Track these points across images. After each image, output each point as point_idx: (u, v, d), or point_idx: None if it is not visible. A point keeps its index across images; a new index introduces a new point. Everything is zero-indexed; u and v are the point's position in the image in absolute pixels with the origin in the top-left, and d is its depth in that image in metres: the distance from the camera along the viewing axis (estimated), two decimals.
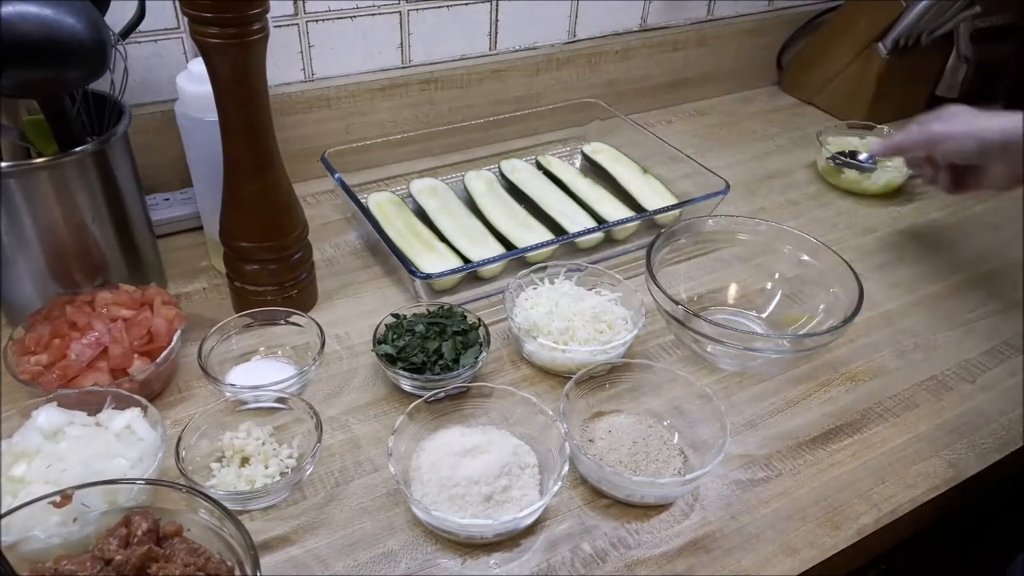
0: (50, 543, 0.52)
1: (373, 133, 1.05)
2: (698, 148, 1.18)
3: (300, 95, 0.99)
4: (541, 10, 1.13)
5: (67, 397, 0.63)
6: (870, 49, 1.22)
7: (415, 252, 0.86)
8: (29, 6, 0.60)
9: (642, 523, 0.63)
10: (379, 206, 0.94)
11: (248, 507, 0.62)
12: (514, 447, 0.65)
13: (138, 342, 0.69)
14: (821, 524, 0.64)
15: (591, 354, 0.73)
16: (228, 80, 0.66)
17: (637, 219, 0.91)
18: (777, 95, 1.38)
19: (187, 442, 0.63)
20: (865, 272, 0.86)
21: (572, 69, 1.18)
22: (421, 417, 0.66)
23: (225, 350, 0.74)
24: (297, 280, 0.79)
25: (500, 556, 0.60)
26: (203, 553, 0.50)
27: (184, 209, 0.92)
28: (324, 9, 0.97)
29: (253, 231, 0.74)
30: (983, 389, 0.77)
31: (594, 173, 1.06)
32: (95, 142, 0.70)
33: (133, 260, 0.79)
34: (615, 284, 0.81)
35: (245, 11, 0.62)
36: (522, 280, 0.81)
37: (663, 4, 1.23)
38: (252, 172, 0.71)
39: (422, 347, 0.72)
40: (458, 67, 1.09)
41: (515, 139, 1.09)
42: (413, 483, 0.63)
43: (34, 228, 0.70)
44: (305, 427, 0.66)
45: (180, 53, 0.92)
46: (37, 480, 0.57)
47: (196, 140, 0.78)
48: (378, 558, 0.59)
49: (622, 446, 0.67)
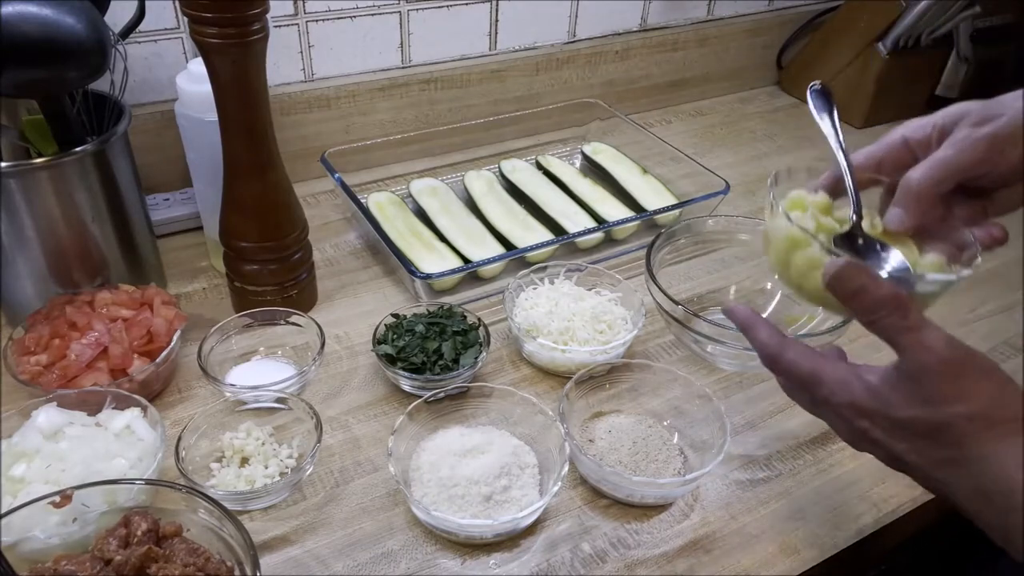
0: (50, 543, 0.52)
1: (373, 133, 1.05)
2: (698, 148, 1.18)
3: (300, 95, 0.99)
4: (541, 10, 1.13)
5: (67, 397, 0.63)
6: (870, 49, 1.22)
7: (415, 252, 0.86)
8: (29, 6, 0.60)
9: (642, 523, 0.63)
10: (379, 206, 0.94)
11: (248, 507, 0.62)
12: (514, 447, 0.65)
13: (138, 342, 0.69)
14: (821, 524, 0.64)
15: (591, 354, 0.73)
16: (228, 80, 0.66)
17: (637, 219, 0.91)
18: (777, 95, 1.38)
19: (187, 442, 0.63)
20: None
21: (572, 69, 1.18)
22: (421, 417, 0.66)
23: (225, 350, 0.74)
24: (297, 280, 0.79)
25: (500, 556, 0.60)
26: (203, 553, 0.50)
27: (184, 209, 0.92)
28: (324, 9, 0.97)
29: (253, 231, 0.74)
30: None
31: (594, 173, 1.06)
32: (95, 142, 0.70)
33: (133, 260, 0.78)
34: (615, 284, 0.81)
35: (245, 11, 0.62)
36: (522, 280, 0.81)
37: (663, 4, 1.23)
38: (252, 172, 0.71)
39: (422, 347, 0.72)
40: (458, 67, 1.09)
41: (515, 139, 1.09)
42: (413, 483, 0.63)
43: (34, 228, 0.70)
44: (305, 427, 0.66)
45: (180, 53, 0.92)
46: (37, 480, 0.57)
47: (196, 140, 0.78)
48: (378, 558, 0.59)
49: (622, 446, 0.67)
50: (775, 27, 1.34)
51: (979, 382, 0.43)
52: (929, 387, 0.43)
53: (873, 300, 0.45)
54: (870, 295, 0.45)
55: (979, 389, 0.42)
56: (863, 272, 0.45)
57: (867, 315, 0.46)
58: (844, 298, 0.46)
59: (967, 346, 0.43)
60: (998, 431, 0.41)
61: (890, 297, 0.44)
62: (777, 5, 1.35)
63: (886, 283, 0.45)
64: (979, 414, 0.42)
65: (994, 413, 0.42)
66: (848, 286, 0.46)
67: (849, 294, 0.46)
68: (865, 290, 0.45)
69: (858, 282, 0.45)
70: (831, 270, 0.47)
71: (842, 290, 0.46)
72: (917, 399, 0.43)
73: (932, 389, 0.43)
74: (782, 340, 0.50)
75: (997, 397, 0.42)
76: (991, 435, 0.41)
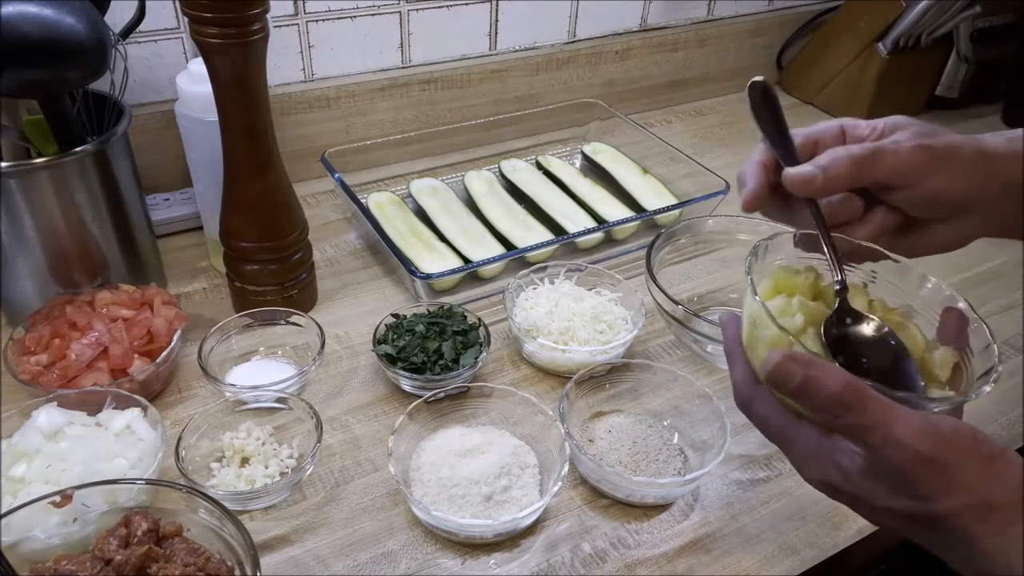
0: (50, 543, 0.52)
1: (373, 133, 1.05)
2: (698, 148, 1.18)
3: (300, 95, 0.99)
4: (541, 10, 1.13)
5: (67, 397, 0.63)
6: (870, 49, 1.22)
7: (415, 252, 0.86)
8: (29, 6, 0.60)
9: (642, 523, 0.63)
10: (379, 206, 0.94)
11: (248, 507, 0.62)
12: (514, 447, 0.65)
13: (138, 342, 0.69)
14: (821, 524, 0.64)
15: (591, 354, 0.73)
16: (228, 80, 0.66)
17: (637, 219, 0.91)
18: (777, 95, 1.38)
19: (187, 442, 0.63)
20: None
21: (572, 69, 1.18)
22: (421, 417, 0.66)
23: (225, 350, 0.74)
24: (297, 280, 0.79)
25: (500, 556, 0.60)
26: (203, 553, 0.50)
27: (184, 209, 0.92)
28: (324, 9, 0.97)
29: (253, 231, 0.74)
30: None
31: (594, 173, 1.06)
32: (95, 142, 0.70)
33: (133, 260, 0.78)
34: (615, 284, 0.81)
35: (245, 11, 0.62)
36: (522, 280, 0.81)
37: (663, 4, 1.23)
38: (252, 172, 0.71)
39: (422, 347, 0.72)
40: (458, 67, 1.09)
41: (515, 139, 1.09)
42: (413, 483, 0.63)
43: (34, 228, 0.70)
44: (305, 427, 0.66)
45: (180, 53, 0.92)
46: (37, 480, 0.57)
47: (196, 140, 0.78)
48: (378, 558, 0.59)
49: (622, 446, 0.67)
50: (775, 27, 1.34)
51: (966, 469, 0.37)
52: (913, 484, 0.38)
53: (823, 398, 0.38)
54: (819, 392, 0.38)
55: (968, 478, 0.37)
56: (806, 364, 0.38)
57: (820, 415, 0.39)
58: (790, 396, 0.40)
59: (945, 426, 0.38)
60: (996, 520, 0.37)
61: (842, 392, 0.38)
62: (777, 5, 1.35)
63: (835, 374, 0.38)
64: (972, 506, 0.37)
65: (989, 500, 0.37)
66: (789, 382, 0.39)
67: (793, 392, 0.39)
68: (811, 386, 0.38)
69: (799, 376, 0.38)
70: (767, 367, 0.40)
71: (784, 388, 0.39)
72: (902, 493, 0.38)
73: (916, 486, 0.38)
74: (753, 388, 0.44)
75: (988, 482, 0.38)
76: (988, 528, 0.37)
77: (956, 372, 0.44)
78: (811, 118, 1.30)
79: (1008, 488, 0.38)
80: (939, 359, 0.44)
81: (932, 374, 0.44)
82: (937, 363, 0.44)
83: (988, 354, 0.43)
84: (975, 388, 0.42)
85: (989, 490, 0.37)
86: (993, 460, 0.38)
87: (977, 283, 0.92)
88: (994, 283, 0.92)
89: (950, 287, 0.48)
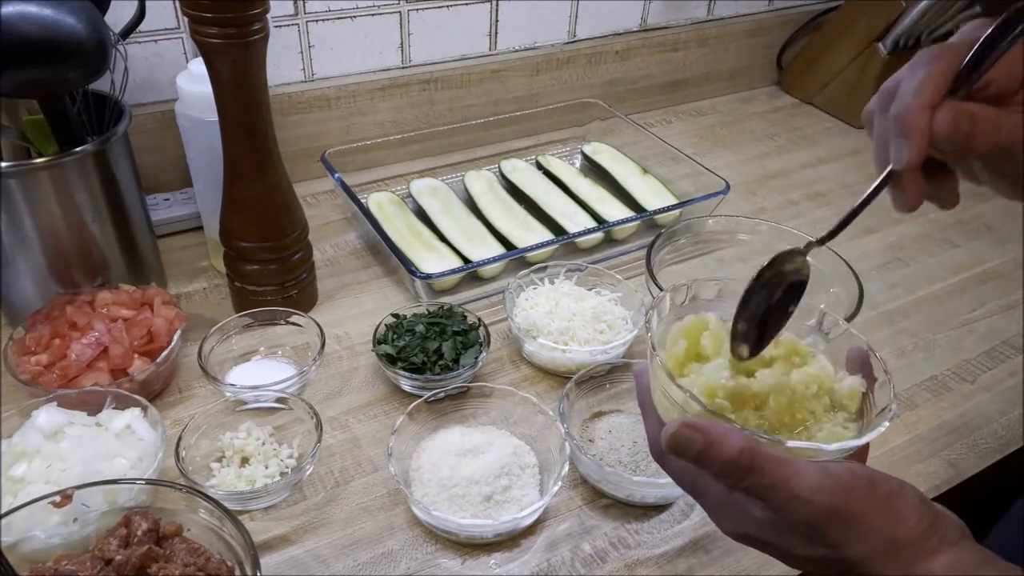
0: (50, 543, 0.52)
1: (373, 133, 1.05)
2: (698, 148, 1.18)
3: (300, 95, 0.99)
4: (541, 10, 1.13)
5: (67, 397, 0.63)
6: (870, 49, 1.22)
7: (415, 252, 0.86)
8: (29, 6, 0.60)
9: (642, 523, 0.63)
10: (379, 206, 0.94)
11: (248, 507, 0.62)
12: (514, 447, 0.65)
13: (138, 342, 0.69)
14: None
15: (591, 354, 0.73)
16: (228, 80, 0.66)
17: (637, 219, 0.91)
18: (777, 95, 1.38)
19: (187, 442, 0.63)
20: (865, 272, 0.86)
21: (572, 69, 1.18)
22: (421, 417, 0.66)
23: (225, 350, 0.74)
24: (297, 280, 0.79)
25: (500, 556, 0.60)
26: (203, 553, 0.50)
27: (184, 209, 0.92)
28: (324, 9, 0.97)
29: (253, 231, 0.74)
30: (983, 389, 0.77)
31: (594, 173, 1.06)
32: (95, 142, 0.70)
33: (133, 260, 0.78)
34: (615, 284, 0.81)
35: (245, 11, 0.62)
36: (522, 280, 0.81)
37: (663, 4, 1.23)
38: (252, 172, 0.71)
39: (422, 347, 0.72)
40: (458, 67, 1.09)
41: (515, 139, 1.09)
42: (413, 483, 0.63)
43: (34, 228, 0.70)
44: (305, 427, 0.66)
45: (180, 53, 0.92)
46: (37, 480, 0.57)
47: (196, 140, 0.78)
48: (378, 558, 0.59)
49: (622, 446, 0.67)
50: (775, 27, 1.34)
51: (868, 515, 0.38)
52: (822, 534, 0.38)
53: (723, 464, 0.38)
54: (718, 458, 0.38)
55: (871, 524, 0.38)
56: (704, 430, 0.38)
57: (723, 480, 0.40)
58: (693, 463, 0.40)
59: (843, 474, 0.38)
60: (901, 560, 0.38)
61: (738, 456, 0.38)
62: (777, 5, 1.35)
63: (731, 438, 0.38)
64: (880, 550, 0.38)
65: (894, 541, 0.38)
66: (689, 450, 0.39)
67: (694, 460, 0.39)
68: (711, 452, 0.38)
69: (699, 443, 0.39)
70: (665, 436, 0.40)
71: (686, 456, 0.39)
72: (815, 543, 0.39)
73: (825, 536, 0.38)
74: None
75: (891, 524, 0.38)
76: (896, 569, 0.38)
77: (864, 402, 0.45)
78: (811, 118, 1.30)
79: (908, 526, 0.39)
80: (848, 389, 0.44)
81: (842, 403, 0.45)
82: (846, 393, 0.44)
83: (884, 391, 0.43)
84: (870, 429, 0.42)
85: (893, 531, 0.38)
86: (891, 500, 0.39)
87: (977, 283, 0.92)
88: (994, 283, 0.92)
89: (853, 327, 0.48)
